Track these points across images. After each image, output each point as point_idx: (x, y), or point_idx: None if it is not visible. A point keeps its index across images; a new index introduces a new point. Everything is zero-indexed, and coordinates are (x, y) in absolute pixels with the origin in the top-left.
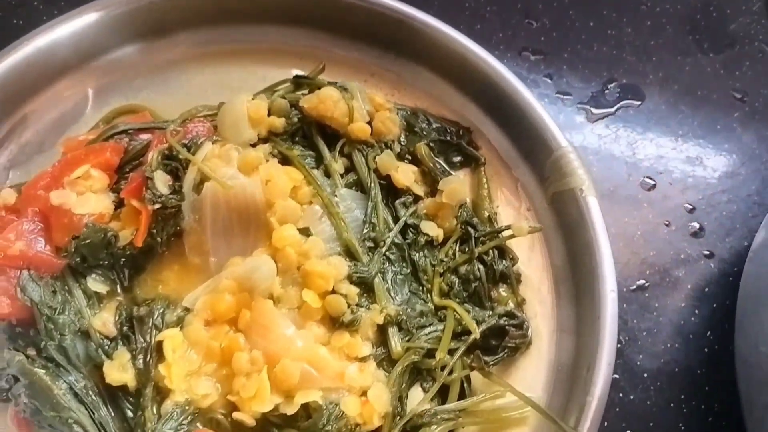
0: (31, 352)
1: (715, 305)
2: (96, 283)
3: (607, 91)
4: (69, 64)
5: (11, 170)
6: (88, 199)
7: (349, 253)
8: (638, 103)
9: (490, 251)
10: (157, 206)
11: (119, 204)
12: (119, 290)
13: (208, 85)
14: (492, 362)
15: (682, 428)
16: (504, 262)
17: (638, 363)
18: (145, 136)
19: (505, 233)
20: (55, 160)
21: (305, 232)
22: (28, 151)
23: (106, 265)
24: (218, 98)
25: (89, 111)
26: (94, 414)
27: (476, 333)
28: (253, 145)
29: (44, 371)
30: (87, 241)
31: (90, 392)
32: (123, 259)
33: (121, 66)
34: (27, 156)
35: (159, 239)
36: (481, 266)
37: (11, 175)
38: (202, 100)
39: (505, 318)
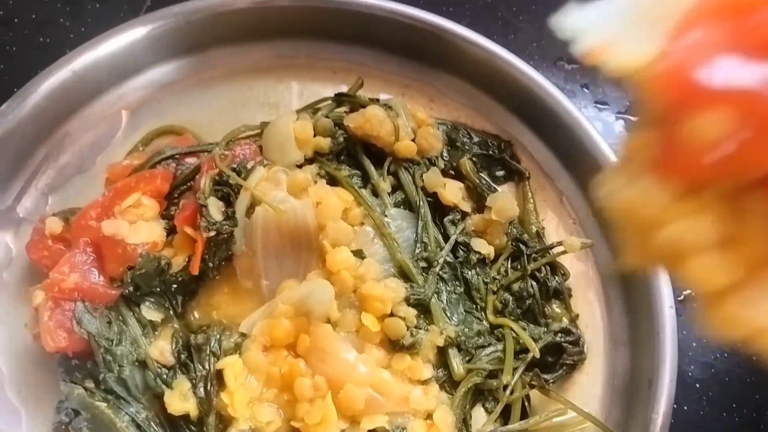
0: (89, 384)
1: None
2: (150, 311)
3: None
4: (104, 85)
5: (50, 195)
6: (140, 228)
7: (404, 274)
8: None
9: (542, 268)
10: (212, 233)
11: (170, 230)
12: (173, 317)
13: (244, 102)
14: (551, 380)
15: None
16: (556, 278)
17: (690, 374)
18: (191, 160)
19: (557, 249)
20: (94, 183)
21: (358, 254)
22: (66, 174)
23: (158, 292)
24: (254, 114)
25: (124, 131)
26: None
27: (536, 352)
28: (300, 167)
29: (105, 404)
30: (142, 271)
31: (152, 423)
32: (174, 286)
33: (156, 85)
34: (65, 179)
35: (211, 264)
36: (534, 283)
37: (50, 200)
38: (239, 116)
39: (561, 335)
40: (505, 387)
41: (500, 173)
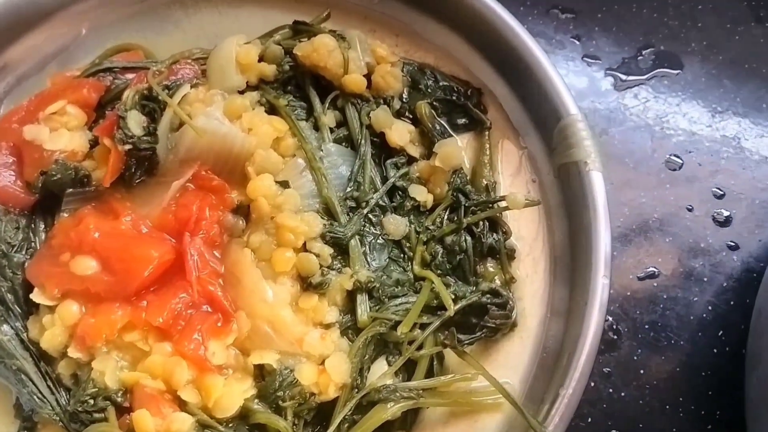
0: None
1: (732, 303)
2: None
3: (641, 58)
4: None
5: (4, 102)
6: (61, 136)
7: (328, 212)
8: (675, 72)
9: (481, 223)
10: (127, 147)
11: (96, 143)
12: None
13: (209, 28)
14: (467, 341)
15: None
16: (495, 235)
17: (635, 358)
18: (131, 76)
19: (499, 204)
20: None
21: (284, 185)
22: (23, 84)
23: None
24: (217, 41)
25: (85, 47)
26: (40, 362)
27: (451, 309)
28: (242, 92)
29: None
30: (56, 177)
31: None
32: None
33: (121, 3)
34: (21, 89)
35: (133, 181)
36: (468, 238)
37: (3, 107)
38: (201, 42)
39: (488, 296)
40: (412, 342)
41: (461, 121)
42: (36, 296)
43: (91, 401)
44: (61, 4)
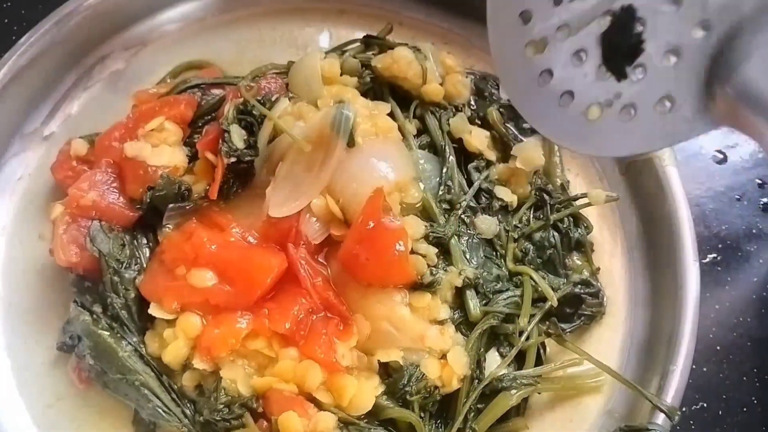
0: (97, 309)
1: None
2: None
3: None
4: (137, 15)
5: (78, 119)
6: (162, 152)
7: (426, 214)
8: None
9: (565, 219)
10: (232, 160)
11: (192, 158)
12: None
13: (275, 44)
14: (568, 330)
15: (755, 401)
16: (579, 230)
17: (711, 336)
18: (217, 91)
19: (581, 201)
20: (122, 110)
21: None
22: (95, 100)
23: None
24: (284, 56)
25: (154, 63)
26: (162, 375)
27: (553, 300)
28: None
29: (108, 333)
30: (162, 193)
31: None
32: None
33: (187, 19)
34: (94, 105)
35: (231, 192)
36: (555, 233)
37: (79, 124)
38: (269, 57)
39: (580, 286)
40: (521, 333)
41: (527, 125)
42: (154, 311)
43: (226, 409)
44: (133, 20)
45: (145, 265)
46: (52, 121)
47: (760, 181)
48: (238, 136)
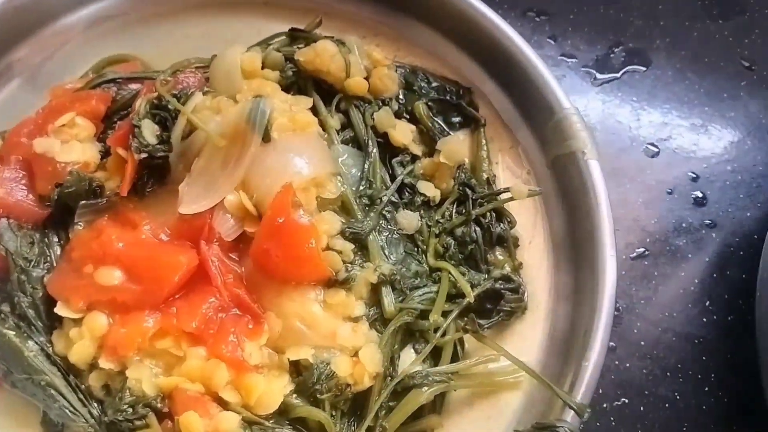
0: (5, 308)
1: (715, 275)
2: None
3: (612, 56)
4: (57, 10)
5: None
6: (72, 148)
7: (345, 209)
8: (644, 68)
9: (488, 214)
10: (143, 155)
11: (106, 154)
12: None
13: (202, 38)
14: (486, 326)
15: (678, 397)
16: (501, 225)
17: (635, 331)
18: (134, 86)
19: (504, 195)
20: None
21: None
22: (15, 98)
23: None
24: (211, 51)
25: (77, 59)
26: (68, 375)
27: (470, 296)
28: None
29: (14, 332)
30: (70, 189)
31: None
32: None
33: (113, 15)
34: (13, 103)
35: (145, 190)
36: (477, 228)
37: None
38: (195, 52)
39: (501, 282)
40: (437, 329)
41: (456, 119)
42: (61, 310)
43: (130, 409)
44: (52, 15)
45: (55, 264)
46: None
47: (693, 175)
48: (149, 131)
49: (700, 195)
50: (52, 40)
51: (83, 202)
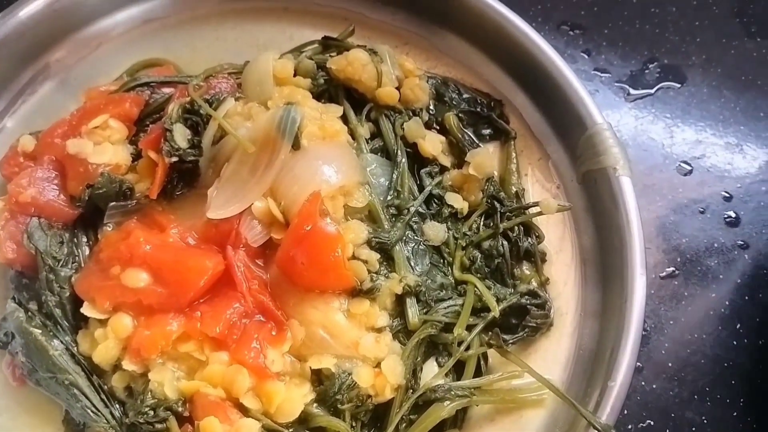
0: (33, 306)
1: (747, 297)
2: None
3: (647, 71)
4: (94, 14)
5: (32, 118)
6: (105, 149)
7: (372, 218)
8: (679, 85)
9: (516, 228)
10: (174, 159)
11: (137, 157)
12: None
13: (235, 43)
14: (511, 341)
15: (705, 421)
16: (529, 239)
17: (663, 352)
18: (167, 90)
19: (533, 210)
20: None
21: None
22: (50, 99)
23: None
24: (244, 57)
25: (111, 62)
26: (92, 375)
27: (496, 311)
28: None
29: (40, 331)
30: (101, 191)
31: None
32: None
33: (146, 18)
34: (49, 104)
35: (174, 194)
36: (505, 242)
37: (32, 123)
38: (229, 57)
39: (527, 297)
40: (461, 343)
41: (486, 131)
42: (87, 310)
43: (151, 412)
44: (90, 18)
45: (83, 264)
46: (6, 117)
47: (726, 194)
48: (181, 135)
49: (734, 215)
50: (89, 42)
51: (113, 203)
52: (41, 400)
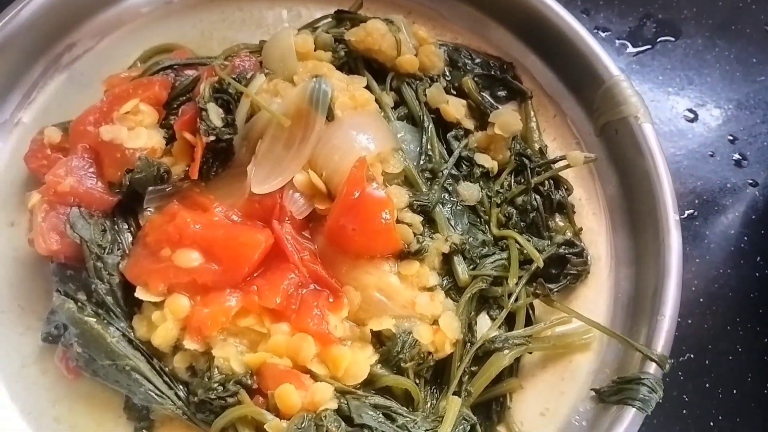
0: (81, 296)
1: (763, 231)
2: None
3: (644, 27)
4: (102, 2)
5: (50, 107)
6: (139, 134)
7: (408, 183)
8: (674, 39)
9: (546, 181)
10: (211, 138)
11: (169, 140)
12: None
13: (243, 23)
14: (555, 290)
15: (740, 350)
16: (560, 192)
17: (693, 289)
18: (190, 72)
19: (560, 163)
20: (93, 97)
21: None
22: (66, 87)
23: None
24: (252, 36)
25: (123, 48)
26: (152, 359)
27: (539, 261)
28: None
29: (95, 319)
30: (141, 175)
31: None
32: None
33: (155, 4)
34: (65, 92)
35: (210, 174)
36: (537, 196)
37: (50, 112)
38: (237, 38)
39: (564, 247)
40: (510, 295)
41: (502, 93)
42: (141, 294)
43: (221, 387)
44: (98, 5)
45: (127, 250)
46: (21, 111)
47: (731, 137)
48: (215, 114)
49: (740, 156)
50: (98, 29)
51: (151, 188)
52: (98, 390)
